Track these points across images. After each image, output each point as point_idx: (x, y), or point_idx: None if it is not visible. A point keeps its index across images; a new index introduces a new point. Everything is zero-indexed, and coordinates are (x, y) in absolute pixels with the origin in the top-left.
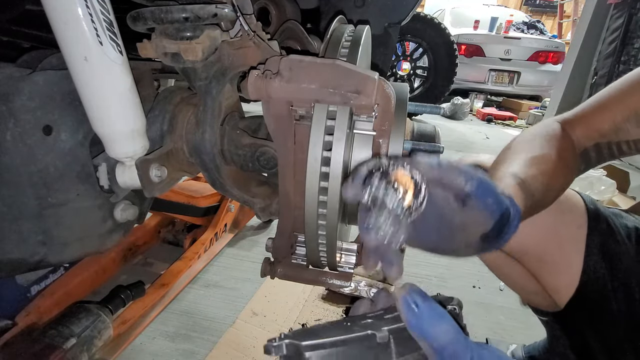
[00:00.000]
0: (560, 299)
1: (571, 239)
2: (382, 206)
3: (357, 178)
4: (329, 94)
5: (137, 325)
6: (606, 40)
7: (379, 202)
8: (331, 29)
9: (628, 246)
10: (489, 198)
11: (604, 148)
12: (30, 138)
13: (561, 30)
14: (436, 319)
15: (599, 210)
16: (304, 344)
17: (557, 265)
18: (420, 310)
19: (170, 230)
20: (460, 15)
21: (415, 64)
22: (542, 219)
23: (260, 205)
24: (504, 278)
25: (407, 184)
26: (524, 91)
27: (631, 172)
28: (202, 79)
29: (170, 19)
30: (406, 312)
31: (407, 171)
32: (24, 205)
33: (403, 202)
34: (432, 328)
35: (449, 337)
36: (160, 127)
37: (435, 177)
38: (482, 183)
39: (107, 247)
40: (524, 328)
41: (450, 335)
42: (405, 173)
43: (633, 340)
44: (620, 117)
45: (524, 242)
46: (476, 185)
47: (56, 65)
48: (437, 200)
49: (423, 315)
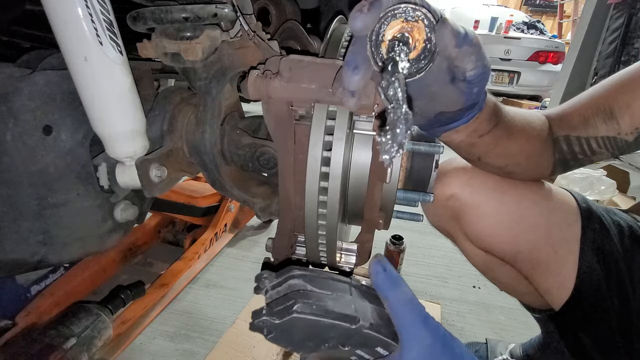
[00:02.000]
0: (554, 300)
1: (563, 239)
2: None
3: (376, 8)
4: (329, 94)
5: (137, 325)
6: (606, 40)
7: (386, 47)
8: (331, 29)
9: (621, 245)
10: (476, 87)
11: (575, 143)
12: (30, 138)
13: (561, 30)
14: (395, 283)
15: (591, 208)
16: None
17: (549, 266)
18: (385, 274)
19: (170, 230)
20: (460, 15)
21: None
22: (533, 218)
23: (260, 205)
24: (494, 280)
25: (418, 44)
26: (524, 91)
27: (631, 172)
28: (202, 79)
29: (170, 19)
30: (374, 274)
31: (426, 32)
32: (24, 205)
33: (407, 58)
34: (390, 289)
35: (403, 298)
36: (160, 127)
37: (452, 55)
38: (485, 72)
39: (107, 247)
40: (524, 328)
41: (404, 297)
42: (422, 32)
43: (627, 340)
44: (590, 112)
45: (515, 244)
46: (480, 72)
47: (56, 65)
48: (436, 69)
49: (386, 277)
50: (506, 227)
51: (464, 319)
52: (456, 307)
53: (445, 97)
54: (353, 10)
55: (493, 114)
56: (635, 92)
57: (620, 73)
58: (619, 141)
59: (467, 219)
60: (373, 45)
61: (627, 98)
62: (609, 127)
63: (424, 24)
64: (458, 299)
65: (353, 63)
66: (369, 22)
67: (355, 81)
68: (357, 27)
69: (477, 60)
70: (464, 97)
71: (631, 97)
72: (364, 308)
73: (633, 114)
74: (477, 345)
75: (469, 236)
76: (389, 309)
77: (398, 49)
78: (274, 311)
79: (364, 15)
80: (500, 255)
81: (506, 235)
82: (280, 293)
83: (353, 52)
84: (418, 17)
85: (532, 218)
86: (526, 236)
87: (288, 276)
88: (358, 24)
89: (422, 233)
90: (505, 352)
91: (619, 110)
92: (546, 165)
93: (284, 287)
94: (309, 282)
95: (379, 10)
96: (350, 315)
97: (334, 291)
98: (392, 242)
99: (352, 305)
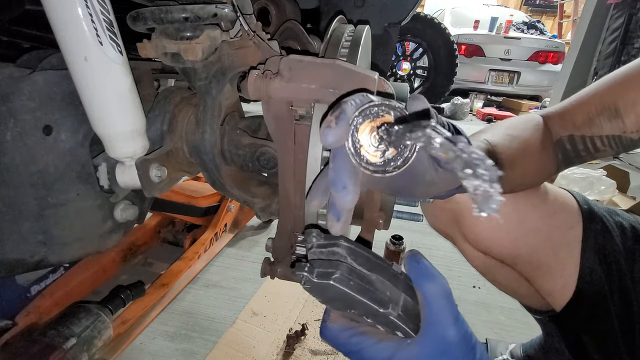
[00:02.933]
0: (555, 302)
1: (564, 242)
2: (363, 157)
3: (342, 119)
4: (329, 94)
5: (137, 325)
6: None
7: (360, 152)
8: (331, 29)
9: (624, 246)
10: None
11: (579, 142)
12: (30, 138)
13: (561, 30)
14: (431, 276)
15: (592, 209)
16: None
17: (550, 268)
18: (420, 266)
19: (170, 230)
20: (460, 15)
21: (415, 64)
22: (532, 222)
23: (260, 205)
24: (495, 282)
25: None
26: (524, 91)
27: (631, 172)
28: (202, 79)
29: (170, 19)
30: (409, 266)
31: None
32: (24, 205)
33: (387, 152)
34: (426, 282)
35: (440, 292)
36: (160, 127)
37: None
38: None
39: (107, 247)
40: (524, 328)
41: (440, 291)
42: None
43: (629, 341)
44: (594, 110)
45: (515, 247)
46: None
47: (56, 65)
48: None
49: (421, 270)
50: (505, 231)
51: (464, 318)
52: None
53: (441, 181)
54: (321, 128)
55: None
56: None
57: (624, 69)
58: (623, 139)
59: (466, 222)
60: (355, 155)
61: (632, 95)
62: (614, 125)
63: (392, 115)
64: (458, 299)
65: (340, 182)
66: (341, 134)
67: (349, 201)
68: (330, 142)
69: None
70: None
71: (637, 95)
72: (397, 296)
73: (639, 112)
74: None
75: (468, 239)
76: (422, 300)
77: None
78: (315, 271)
79: (334, 130)
80: (499, 257)
81: (505, 238)
82: (323, 254)
83: (335, 170)
84: (384, 111)
85: (531, 222)
86: (525, 239)
87: (335, 242)
88: (329, 139)
89: (422, 233)
90: (505, 352)
91: (624, 109)
92: (550, 171)
93: (328, 251)
94: (352, 255)
95: (346, 120)
96: (383, 300)
97: (374, 272)
98: (392, 242)
99: (387, 291)
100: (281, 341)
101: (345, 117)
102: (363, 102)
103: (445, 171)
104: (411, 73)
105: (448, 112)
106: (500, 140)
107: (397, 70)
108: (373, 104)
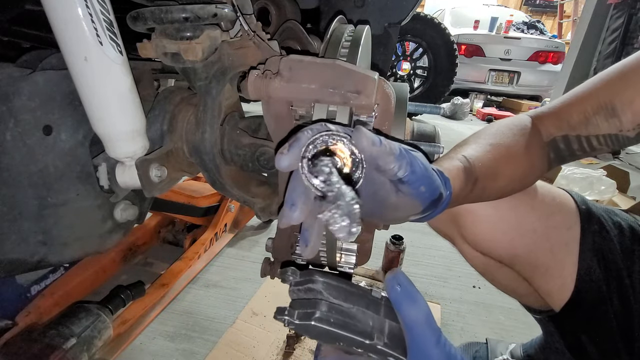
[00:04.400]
0: (554, 302)
1: (562, 242)
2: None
3: (295, 147)
4: (329, 94)
5: (137, 325)
6: (606, 40)
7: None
8: (331, 29)
9: (622, 246)
10: (421, 186)
11: (574, 141)
12: (30, 138)
13: (561, 30)
14: (411, 300)
15: (591, 210)
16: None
17: (549, 269)
18: (401, 290)
19: (170, 230)
20: (460, 15)
21: (415, 64)
22: (530, 223)
23: (260, 205)
24: (494, 282)
25: (346, 160)
26: (524, 91)
27: (631, 172)
28: (202, 79)
29: (170, 19)
30: (389, 290)
31: (347, 147)
32: (24, 205)
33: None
34: (406, 307)
35: (418, 317)
36: (160, 127)
37: (374, 156)
38: (416, 170)
39: (107, 247)
40: (524, 328)
41: (420, 315)
42: (345, 149)
43: (628, 340)
44: (590, 109)
45: (512, 248)
46: (410, 172)
47: (56, 65)
48: (373, 180)
49: (401, 294)
50: (502, 232)
51: (464, 319)
52: (456, 307)
53: (403, 205)
54: (277, 154)
55: (465, 177)
56: (638, 86)
57: (619, 66)
58: (620, 138)
59: (465, 223)
60: (306, 178)
61: (629, 93)
62: (610, 124)
63: (343, 141)
64: (458, 299)
65: (290, 200)
66: (293, 160)
67: (295, 217)
68: (283, 166)
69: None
70: (419, 199)
71: (634, 93)
72: (381, 323)
73: (636, 110)
74: (477, 345)
75: (467, 239)
76: (403, 325)
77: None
78: (296, 313)
79: (286, 156)
80: (497, 258)
81: (503, 239)
82: (301, 292)
83: (290, 190)
84: (336, 139)
85: (529, 223)
86: (523, 240)
87: (309, 279)
88: (282, 164)
89: (422, 233)
90: (505, 352)
91: (621, 107)
92: (540, 171)
93: (305, 288)
94: (327, 289)
95: (298, 147)
96: (366, 332)
97: (353, 304)
98: (392, 242)
99: (370, 321)
100: (281, 341)
101: (299, 145)
102: (317, 131)
103: (404, 195)
104: (411, 73)
105: (448, 112)
106: (480, 153)
107: (397, 70)
108: (324, 133)
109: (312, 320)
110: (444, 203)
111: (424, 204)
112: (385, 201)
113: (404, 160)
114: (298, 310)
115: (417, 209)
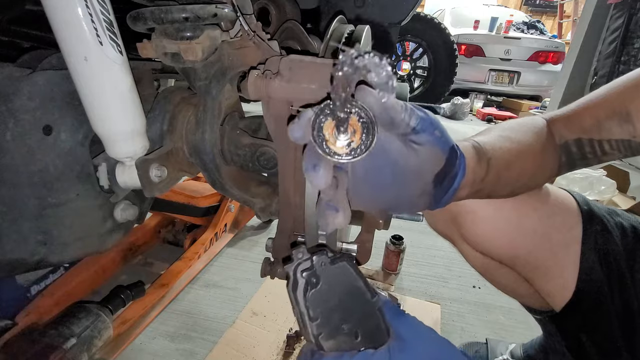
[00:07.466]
0: (555, 303)
1: (563, 243)
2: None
3: (304, 117)
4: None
5: (137, 325)
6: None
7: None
8: (331, 29)
9: (624, 246)
10: (436, 130)
11: (586, 145)
12: (30, 138)
13: (561, 30)
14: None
15: (592, 210)
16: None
17: (550, 269)
18: None
19: (170, 230)
20: (460, 15)
21: (415, 64)
22: (531, 223)
23: (260, 205)
24: (494, 282)
25: (356, 124)
26: (524, 91)
27: (631, 172)
28: (202, 79)
29: (170, 19)
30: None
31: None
32: (24, 205)
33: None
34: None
35: None
36: (160, 127)
37: (383, 109)
38: (425, 117)
39: (107, 247)
40: (524, 328)
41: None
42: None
43: (629, 341)
44: (603, 114)
45: (513, 248)
46: (420, 118)
47: (56, 65)
48: (387, 144)
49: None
50: (503, 233)
51: (464, 319)
52: (456, 307)
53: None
54: (289, 127)
55: (477, 156)
56: None
57: (634, 73)
58: (633, 144)
59: (465, 224)
60: (319, 145)
61: None
62: (623, 130)
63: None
64: (458, 299)
65: (311, 162)
66: (305, 127)
67: (321, 176)
68: (297, 136)
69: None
70: (439, 145)
71: None
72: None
73: None
74: (477, 345)
75: (467, 240)
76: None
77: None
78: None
79: (297, 124)
80: (497, 258)
81: (503, 240)
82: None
83: (308, 154)
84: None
85: (530, 224)
86: (524, 241)
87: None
88: (295, 134)
89: (422, 233)
90: (505, 352)
91: (635, 113)
92: (550, 172)
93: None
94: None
95: (308, 118)
96: (372, 290)
97: None
98: (392, 242)
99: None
100: (281, 341)
101: (307, 116)
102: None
103: (422, 147)
104: (411, 73)
105: (448, 112)
106: (493, 141)
107: (397, 70)
108: (329, 102)
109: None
110: (462, 162)
111: (444, 151)
112: (404, 166)
113: (410, 109)
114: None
115: (440, 159)
